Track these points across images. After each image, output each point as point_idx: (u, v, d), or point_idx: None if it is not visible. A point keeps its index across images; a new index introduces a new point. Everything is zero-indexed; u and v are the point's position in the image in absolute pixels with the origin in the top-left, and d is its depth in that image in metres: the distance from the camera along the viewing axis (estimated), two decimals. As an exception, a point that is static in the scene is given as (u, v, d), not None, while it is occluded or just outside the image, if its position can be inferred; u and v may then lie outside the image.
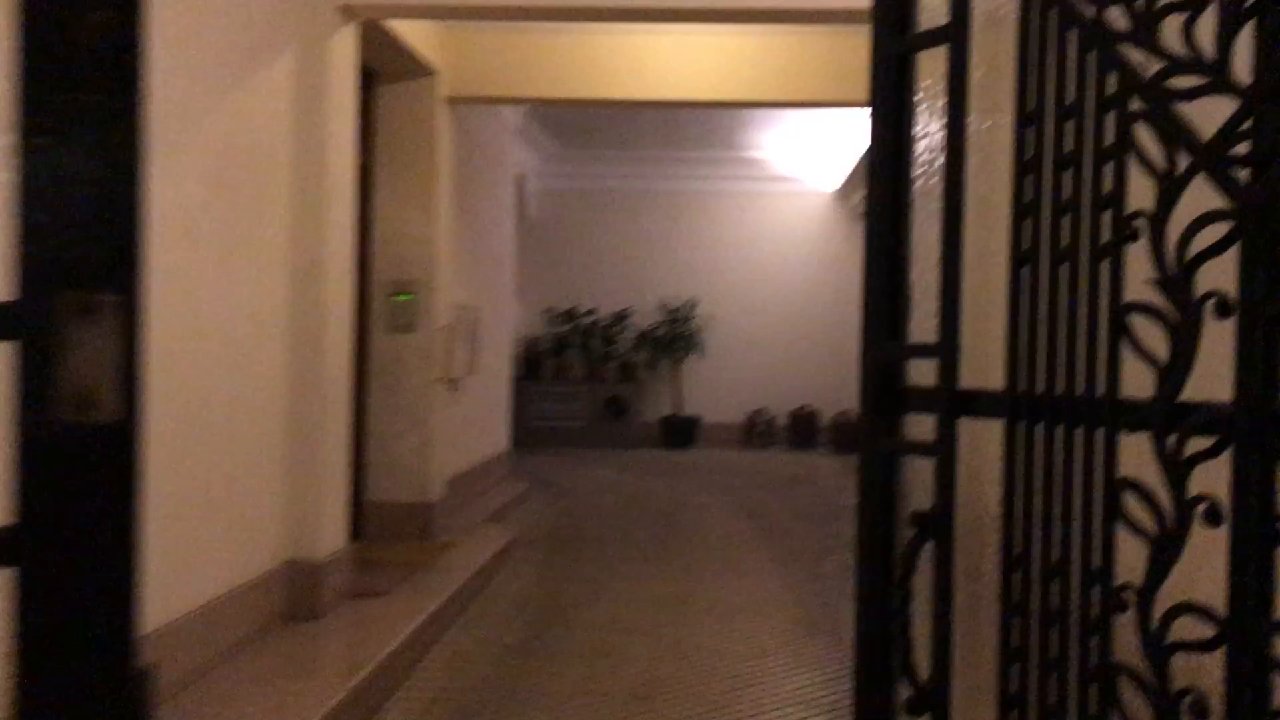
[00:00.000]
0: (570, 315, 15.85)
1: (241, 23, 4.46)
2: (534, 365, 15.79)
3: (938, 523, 1.85)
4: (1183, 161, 1.59)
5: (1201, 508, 1.56)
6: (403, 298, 7.33)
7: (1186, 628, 1.60)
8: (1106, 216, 1.69)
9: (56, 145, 1.04)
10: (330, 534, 5.27)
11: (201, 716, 3.66)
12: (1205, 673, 1.62)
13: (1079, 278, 1.72)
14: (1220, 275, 1.58)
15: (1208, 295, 1.56)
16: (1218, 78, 1.57)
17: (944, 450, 1.87)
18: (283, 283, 4.88)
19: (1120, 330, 1.66)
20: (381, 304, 7.33)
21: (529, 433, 14.89)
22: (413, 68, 7.31)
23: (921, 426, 2.04)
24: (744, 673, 5.18)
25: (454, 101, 7.83)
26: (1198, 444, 1.58)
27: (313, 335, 5.11)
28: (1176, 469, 1.58)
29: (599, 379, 15.72)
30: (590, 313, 15.93)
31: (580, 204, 16.10)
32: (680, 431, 15.43)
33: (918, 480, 2.04)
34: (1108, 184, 1.68)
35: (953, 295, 1.86)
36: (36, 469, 1.05)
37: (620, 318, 15.89)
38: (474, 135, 9.48)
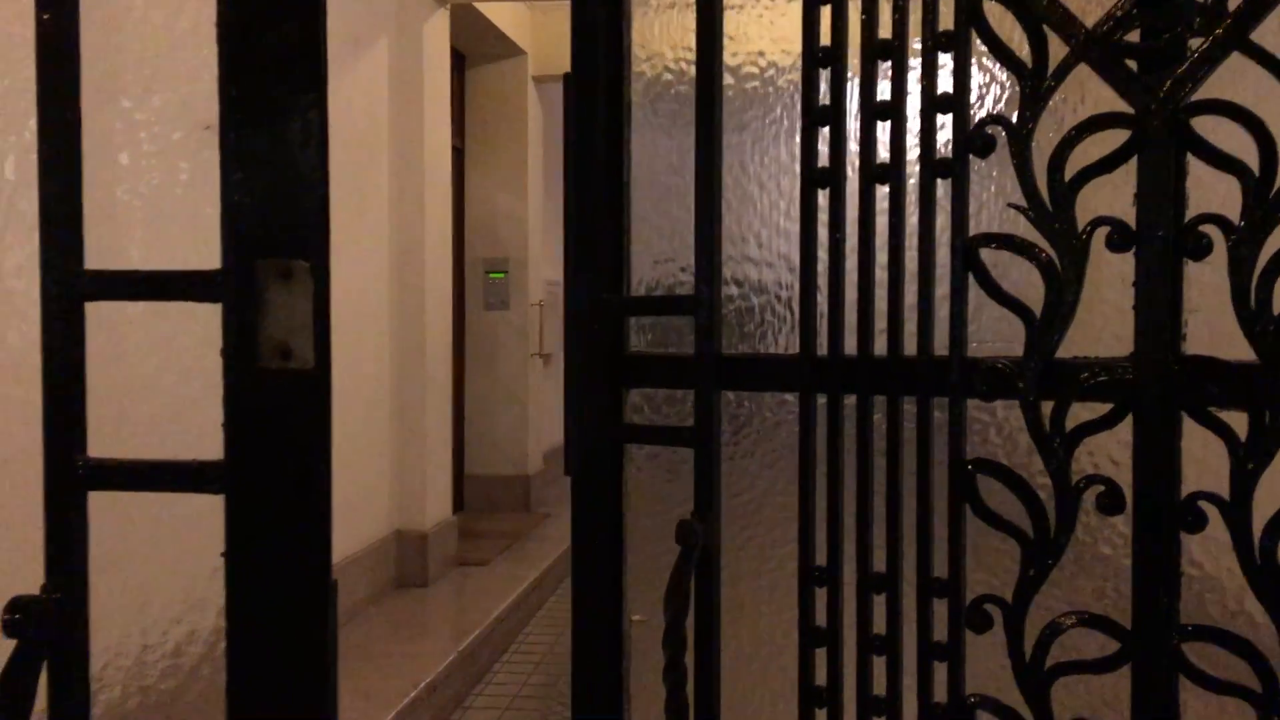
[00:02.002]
0: (655, 290, 15.06)
1: (341, 13, 4.57)
2: (620, 340, 15.00)
3: (706, 536, 1.39)
4: (1056, 52, 1.23)
5: (1096, 492, 1.22)
6: (496, 276, 7.55)
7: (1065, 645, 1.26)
8: (947, 122, 1.29)
9: (253, 135, 1.16)
10: (435, 505, 5.45)
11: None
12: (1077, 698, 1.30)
13: (903, 202, 1.32)
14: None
15: (1097, 222, 1.21)
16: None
17: (706, 436, 1.42)
18: (385, 263, 5.12)
19: (969, 269, 1.27)
20: (477, 282, 7.56)
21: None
22: (502, 49, 7.41)
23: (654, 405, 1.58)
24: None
25: (541, 81, 7.79)
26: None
27: (414, 314, 5.33)
28: (1058, 444, 1.22)
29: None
30: None
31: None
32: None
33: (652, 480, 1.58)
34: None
35: (711, 231, 1.41)
36: (242, 411, 1.18)
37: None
38: (561, 114, 9.02)
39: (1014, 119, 1.24)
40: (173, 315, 1.30)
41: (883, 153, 1.33)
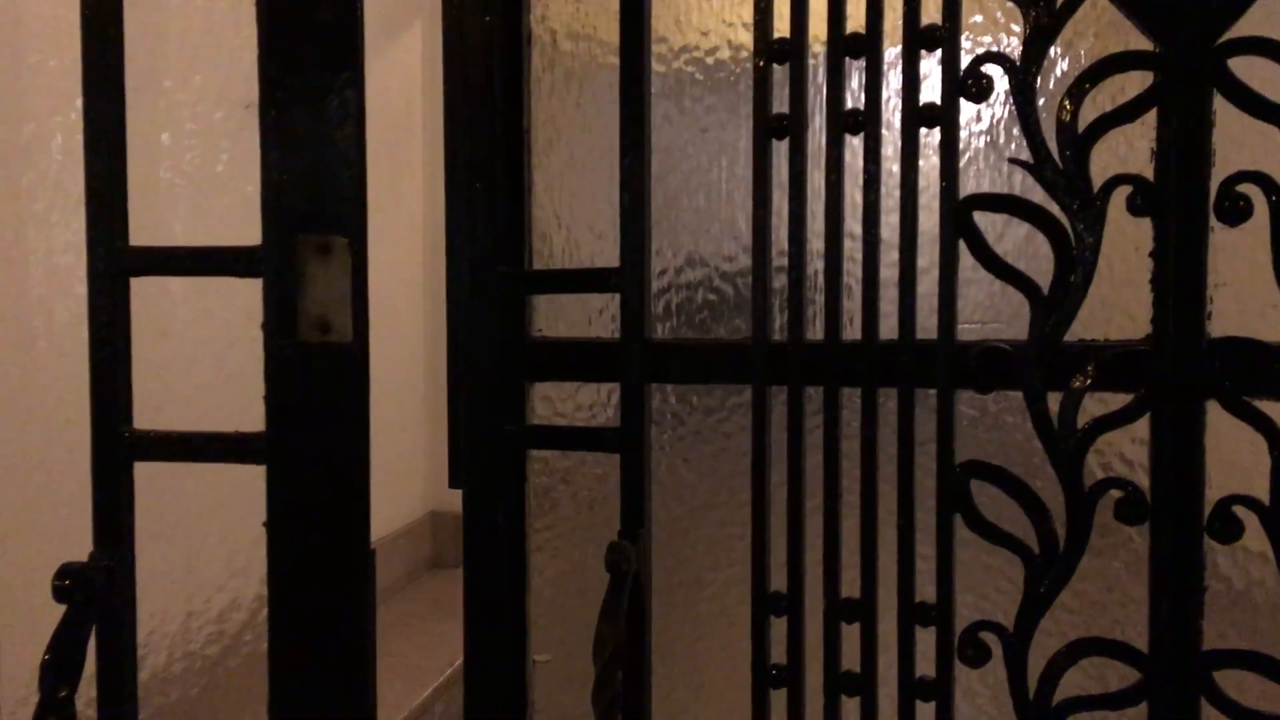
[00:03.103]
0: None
1: None
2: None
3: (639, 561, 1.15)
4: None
5: (1112, 498, 1.04)
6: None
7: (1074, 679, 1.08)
8: (932, 63, 1.09)
9: (292, 114, 1.15)
10: (471, 486, 5.08)
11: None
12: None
13: (879, 155, 1.11)
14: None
15: (1115, 181, 1.03)
16: None
17: (635, 440, 1.17)
18: (419, 243, 5.06)
19: (961, 236, 1.07)
20: (507, 268, 7.06)
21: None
22: (536, 34, 6.56)
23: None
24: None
25: (579, 60, 7.15)
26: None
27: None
28: (1069, 442, 1.04)
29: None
30: None
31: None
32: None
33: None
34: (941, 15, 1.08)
35: (639, 189, 1.16)
36: (282, 384, 1.17)
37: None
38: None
39: (1016, 57, 1.05)
40: (214, 290, 1.36)
41: (851, 100, 1.12)
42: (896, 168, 1.10)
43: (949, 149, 1.07)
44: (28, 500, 1.68)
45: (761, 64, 1.12)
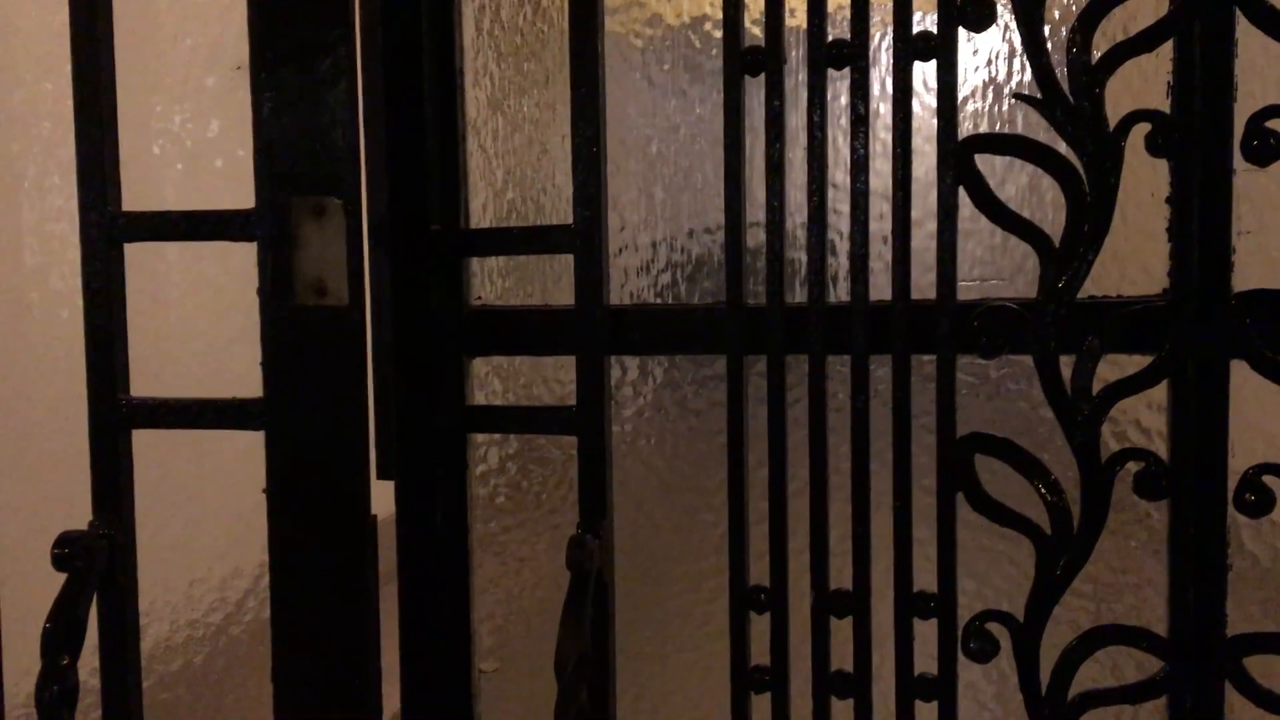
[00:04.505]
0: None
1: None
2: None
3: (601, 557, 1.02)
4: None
5: (1129, 470, 0.94)
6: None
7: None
8: (927, -15, 0.97)
9: (283, 73, 1.11)
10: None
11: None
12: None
13: (868, 93, 0.98)
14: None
15: (1132, 118, 0.92)
16: None
17: (594, 419, 1.03)
18: None
19: (961, 183, 0.96)
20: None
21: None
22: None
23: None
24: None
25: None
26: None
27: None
28: (1085, 410, 0.94)
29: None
30: None
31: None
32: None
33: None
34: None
35: (593, 135, 1.01)
36: (279, 348, 1.14)
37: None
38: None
39: (1021, -19, 0.93)
40: (209, 255, 1.42)
41: (834, 30, 0.99)
42: (886, 107, 0.98)
43: (946, 84, 0.95)
44: (27, 470, 1.68)
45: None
